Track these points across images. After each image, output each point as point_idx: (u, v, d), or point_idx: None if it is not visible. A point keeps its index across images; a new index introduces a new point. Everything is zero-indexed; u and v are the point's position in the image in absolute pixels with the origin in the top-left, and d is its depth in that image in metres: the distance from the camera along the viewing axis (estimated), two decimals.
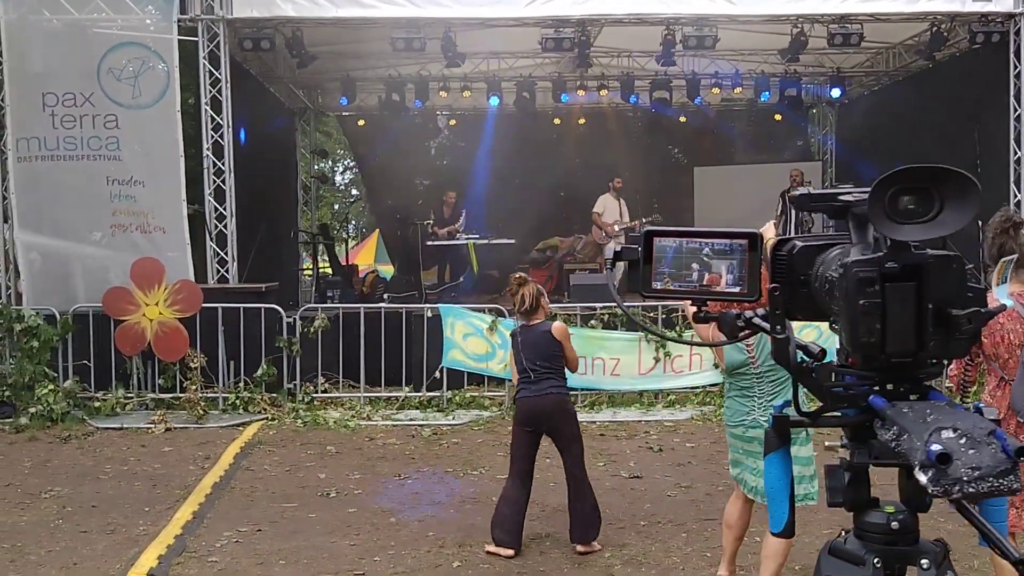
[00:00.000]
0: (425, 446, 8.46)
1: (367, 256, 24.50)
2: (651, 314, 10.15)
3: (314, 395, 9.99)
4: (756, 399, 4.57)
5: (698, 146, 17.39)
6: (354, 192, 38.78)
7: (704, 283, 1.66)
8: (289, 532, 6.00)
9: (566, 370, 5.75)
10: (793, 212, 13.49)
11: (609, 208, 13.74)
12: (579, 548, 5.54)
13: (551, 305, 10.26)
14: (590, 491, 5.66)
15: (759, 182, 15.39)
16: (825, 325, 1.64)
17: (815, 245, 1.67)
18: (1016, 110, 11.54)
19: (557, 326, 5.77)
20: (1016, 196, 11.64)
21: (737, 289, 1.67)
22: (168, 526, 6.09)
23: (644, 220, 13.67)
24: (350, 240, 28.60)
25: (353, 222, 34.47)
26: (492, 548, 5.52)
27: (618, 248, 1.81)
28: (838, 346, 1.65)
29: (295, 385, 9.98)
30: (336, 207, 34.47)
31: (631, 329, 9.94)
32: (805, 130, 18.17)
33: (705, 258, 1.65)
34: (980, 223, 4.79)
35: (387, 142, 17.31)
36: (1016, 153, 11.61)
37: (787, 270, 1.66)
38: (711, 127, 17.59)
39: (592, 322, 9.99)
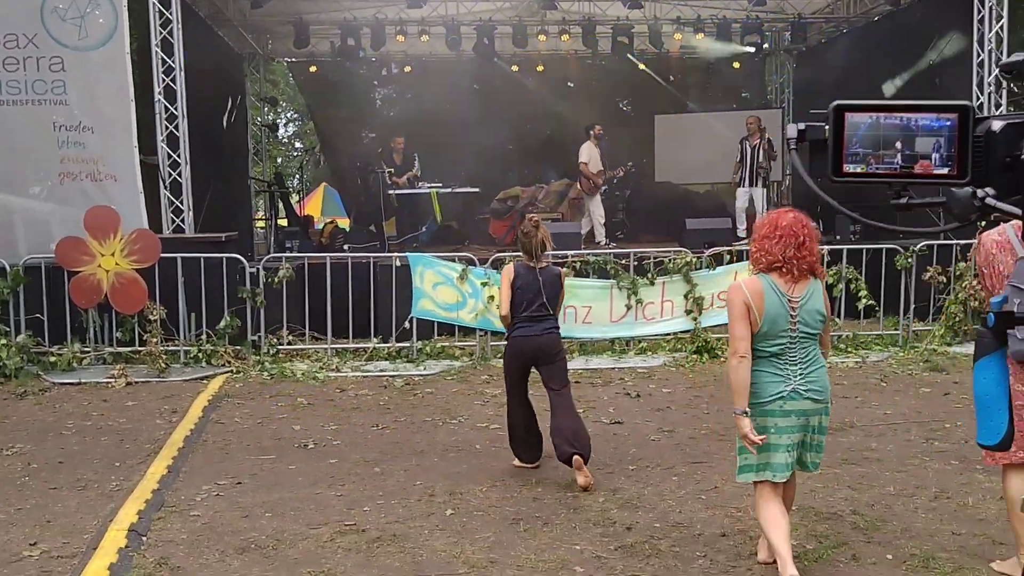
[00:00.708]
0: (399, 396, 8.29)
1: (314, 210, 24.04)
2: (623, 261, 10.06)
3: (279, 347, 9.74)
4: (790, 366, 4.09)
5: (658, 94, 17.24)
6: (298, 145, 38.04)
7: (909, 164, 1.48)
8: (271, 484, 5.82)
9: None
10: (750, 159, 13.47)
11: (593, 157, 13.52)
12: (576, 461, 5.58)
13: (511, 254, 10.15)
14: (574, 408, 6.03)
15: (719, 130, 15.33)
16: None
17: (1018, 123, 1.50)
18: (979, 55, 11.59)
19: (564, 272, 6.21)
20: (979, 98, 11.72)
21: (946, 171, 1.49)
22: (143, 481, 5.86)
23: (624, 168, 13.50)
24: (295, 194, 27.94)
25: (297, 176, 33.73)
26: (518, 463, 6.08)
27: (801, 127, 1.62)
28: None
29: (260, 337, 9.71)
30: (280, 160, 33.74)
31: (603, 276, 9.84)
32: (764, 78, 18.11)
33: (906, 135, 1.48)
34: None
35: (341, 89, 16.86)
36: (979, 98, 11.68)
37: (986, 151, 1.49)
38: (671, 75, 17.44)
39: (564, 270, 9.81)
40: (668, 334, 10.02)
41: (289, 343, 9.85)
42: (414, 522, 5.08)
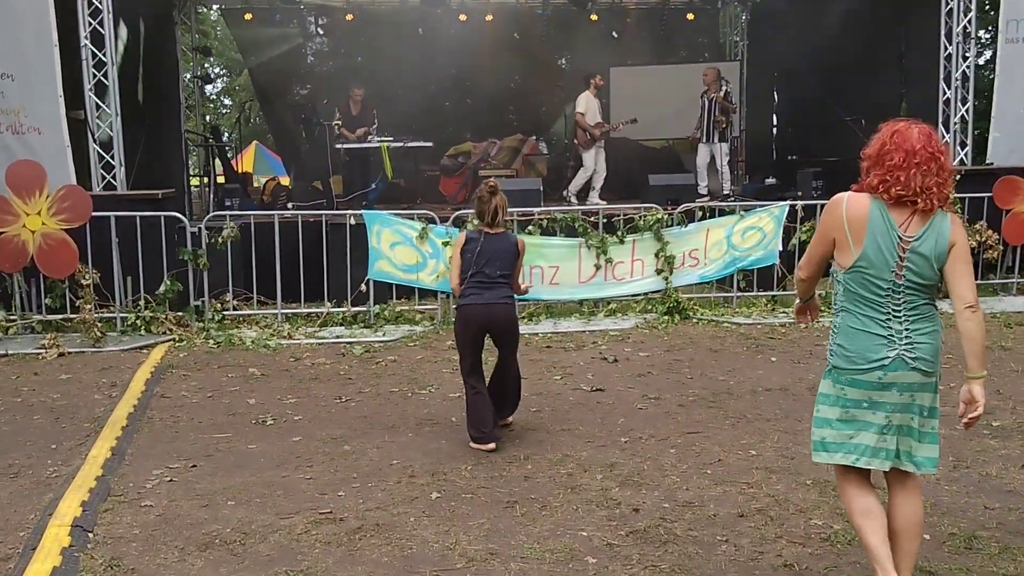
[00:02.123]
0: (360, 365, 7.72)
1: (247, 169, 23.06)
2: (591, 219, 9.58)
3: (225, 313, 9.07)
4: (895, 322, 3.23)
5: (610, 46, 16.66)
6: (227, 102, 36.59)
7: None
8: (231, 467, 5.23)
9: None
10: (707, 113, 13.05)
11: (591, 108, 12.81)
12: (504, 420, 5.80)
13: (469, 211, 9.60)
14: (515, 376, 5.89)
15: (675, 84, 14.88)
16: (769, 225, 1.01)
17: None
18: (947, 3, 11.28)
19: (522, 240, 5.91)
20: (945, 93, 11.46)
21: None
22: (84, 465, 5.22)
23: (624, 121, 12.88)
24: (230, 151, 26.85)
25: (227, 134, 32.44)
26: (474, 445, 5.51)
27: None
28: None
29: (203, 302, 9.03)
30: (208, 118, 32.40)
31: (570, 235, 9.35)
32: (718, 30, 17.68)
33: None
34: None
35: (279, 39, 15.93)
36: (947, 49, 11.39)
37: None
38: (623, 26, 16.89)
39: (530, 228, 9.32)
40: (638, 295, 9.60)
41: (235, 308, 9.18)
42: (397, 508, 4.56)
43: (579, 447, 5.49)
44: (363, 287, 9.13)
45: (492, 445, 5.43)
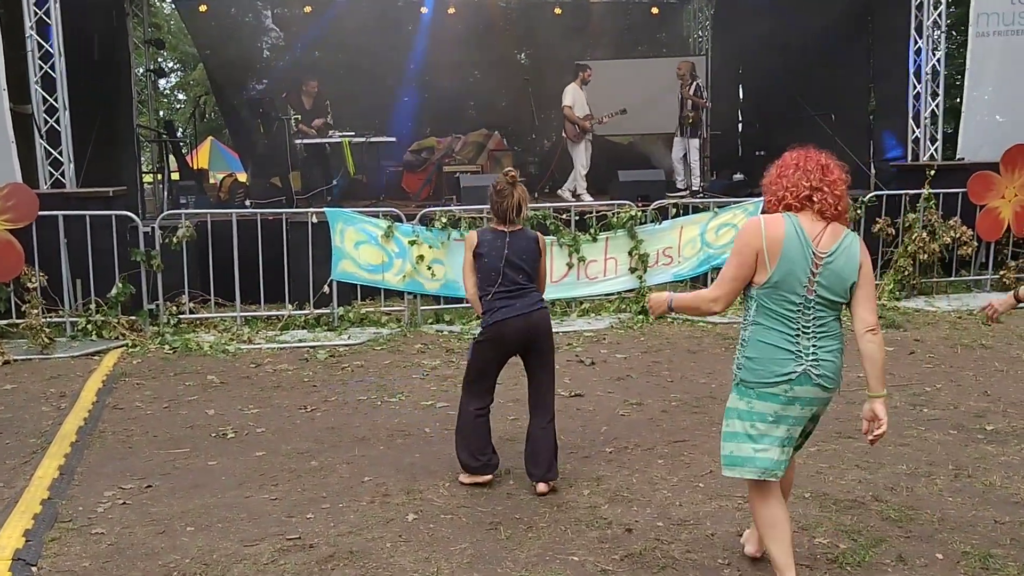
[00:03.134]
0: (325, 371, 7.36)
1: (203, 165, 22.44)
2: (563, 216, 9.29)
3: (181, 316, 8.65)
4: (804, 338, 3.30)
5: (575, 40, 16.35)
6: (181, 97, 35.77)
7: None
8: (189, 487, 4.86)
9: None
10: (679, 107, 12.83)
11: (579, 100, 12.43)
12: (540, 488, 4.70)
13: (442, 208, 9.27)
14: (553, 420, 4.87)
15: (642, 78, 14.60)
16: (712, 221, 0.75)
17: None
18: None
19: (542, 236, 5.04)
20: (915, 88, 11.33)
21: None
22: (29, 487, 4.81)
23: (613, 112, 12.51)
24: (185, 146, 26.16)
25: (188, 127, 31.64)
26: (467, 478, 4.82)
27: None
28: None
29: (157, 306, 8.60)
30: (161, 113, 31.61)
31: (542, 233, 9.02)
32: (683, 24, 17.47)
33: None
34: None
35: (236, 30, 15.41)
36: (916, 42, 11.27)
37: None
38: (587, 21, 16.59)
39: (541, 235, 8.97)
40: (612, 294, 9.33)
41: (192, 311, 8.76)
42: (371, 532, 4.23)
43: (562, 459, 5.16)
44: (326, 288, 8.76)
45: (489, 476, 4.81)
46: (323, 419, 6.07)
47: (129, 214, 8.66)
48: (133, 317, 8.49)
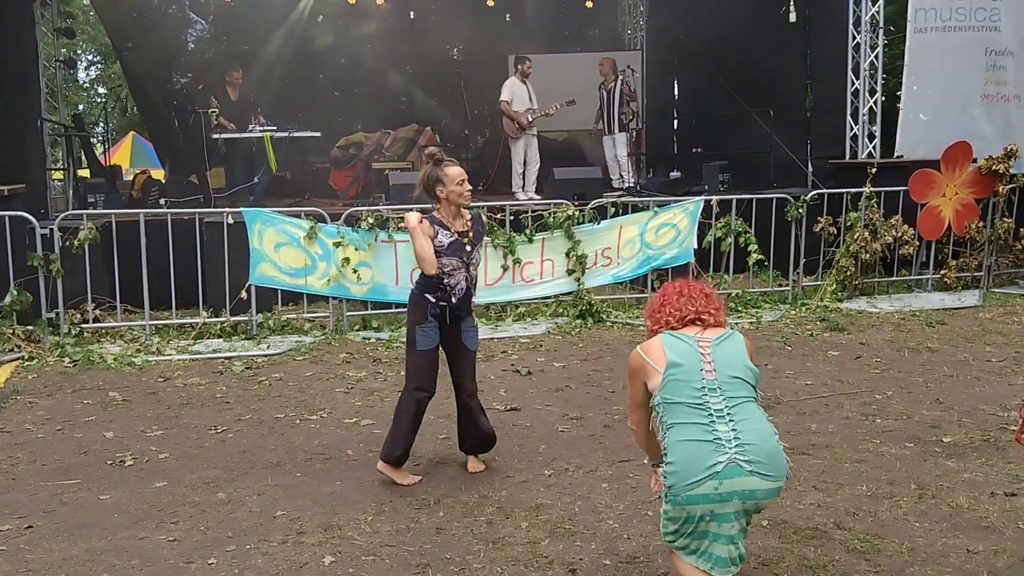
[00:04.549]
0: (240, 385, 6.78)
1: (121, 161, 21.52)
2: (498, 216, 8.83)
3: (84, 326, 7.96)
4: (719, 422, 3.00)
5: (508, 33, 15.93)
6: (101, 90, 34.45)
7: None
8: (75, 526, 4.28)
9: None
10: (607, 105, 12.47)
11: (518, 94, 11.83)
12: (471, 467, 4.96)
13: (369, 208, 8.74)
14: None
15: (577, 72, 14.22)
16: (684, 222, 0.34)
17: None
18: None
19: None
20: (853, 84, 11.16)
21: None
22: None
23: (559, 104, 11.98)
24: (100, 145, 25.06)
25: (102, 125, 30.39)
26: (399, 478, 4.76)
27: None
28: None
29: (57, 314, 7.90)
30: (81, 107, 30.34)
31: None
32: (617, 18, 17.17)
33: None
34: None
35: (154, 22, 14.59)
36: (855, 38, 11.08)
37: None
38: (521, 13, 16.18)
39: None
40: (549, 297, 8.91)
41: (96, 320, 8.09)
42: None
43: (497, 484, 4.74)
44: (244, 294, 8.15)
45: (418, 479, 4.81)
46: (234, 441, 5.52)
47: (25, 214, 7.94)
48: (30, 327, 7.79)
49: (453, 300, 4.75)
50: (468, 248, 4.78)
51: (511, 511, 4.38)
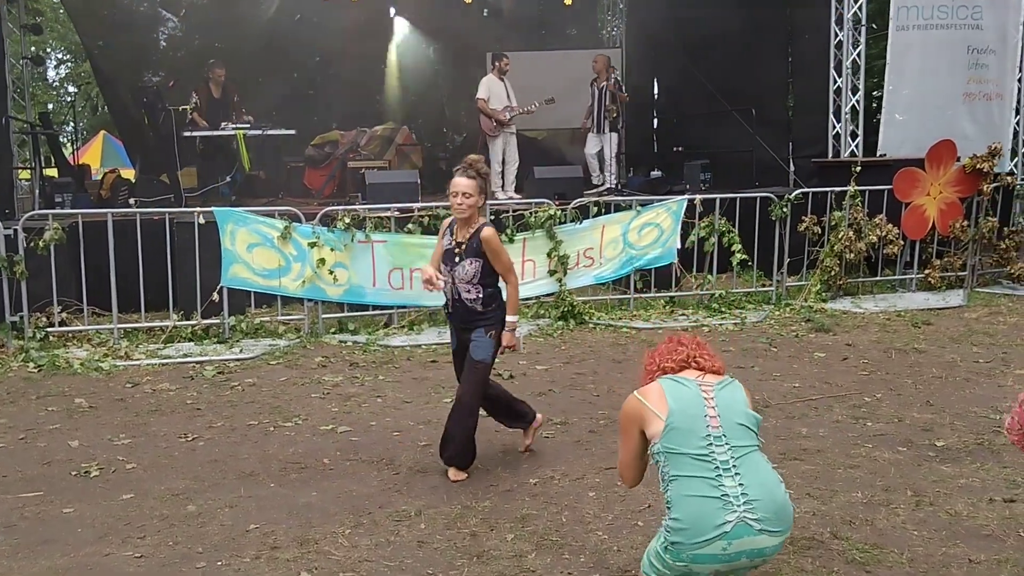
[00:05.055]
0: (212, 391, 6.55)
1: (92, 161, 21.10)
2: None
3: (49, 330, 7.70)
4: (726, 476, 2.80)
5: (487, 31, 15.73)
6: (71, 89, 33.95)
7: None
8: (37, 542, 4.05)
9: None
10: (597, 102, 12.32)
11: (495, 92, 11.64)
12: (452, 475, 4.81)
13: (346, 207, 8.54)
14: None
15: (556, 70, 14.07)
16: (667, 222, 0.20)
17: None
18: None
19: (487, 231, 4.73)
20: (835, 82, 11.07)
21: None
22: None
23: (539, 102, 11.77)
24: (70, 144, 24.59)
25: (71, 124, 29.83)
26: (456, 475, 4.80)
27: None
28: None
29: (21, 318, 7.63)
30: (50, 106, 29.85)
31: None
32: (596, 16, 17.02)
33: None
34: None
35: (125, 18, 14.27)
36: (837, 36, 10.99)
37: None
38: (500, 11, 15.99)
39: (410, 226, 8.31)
40: (530, 298, 8.72)
41: (62, 323, 7.82)
42: None
43: (481, 494, 4.56)
44: (215, 296, 7.91)
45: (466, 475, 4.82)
46: (206, 450, 5.30)
47: None
48: None
49: (448, 308, 4.84)
50: (456, 259, 4.71)
51: (496, 522, 4.20)
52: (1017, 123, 11.37)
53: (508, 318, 4.79)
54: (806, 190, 9.48)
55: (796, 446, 5.20)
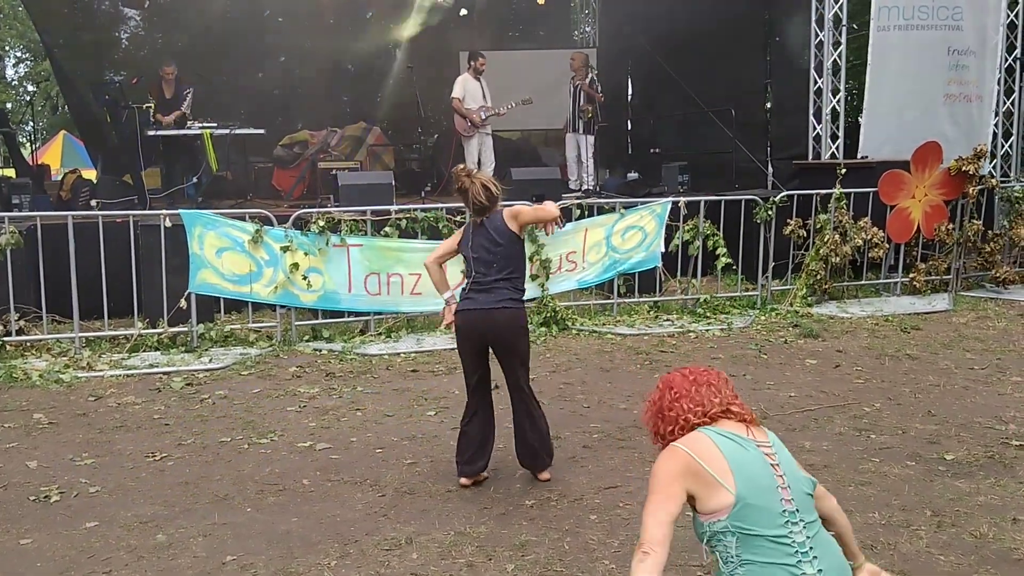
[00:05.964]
0: (180, 404, 6.18)
1: (52, 161, 20.50)
2: (457, 218, 8.33)
3: (5, 338, 7.28)
4: (807, 566, 2.34)
5: (458, 30, 15.42)
6: (30, 88, 33.18)
7: None
8: None
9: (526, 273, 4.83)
10: (573, 102, 12.06)
11: (471, 91, 11.35)
12: (541, 476, 4.76)
13: (320, 210, 8.21)
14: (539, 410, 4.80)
15: (530, 70, 13.83)
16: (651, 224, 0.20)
17: None
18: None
19: (510, 211, 4.64)
20: (816, 83, 10.90)
21: None
22: None
23: (515, 103, 11.46)
24: (28, 144, 23.86)
25: (31, 123, 28.98)
26: (466, 481, 4.67)
27: None
28: None
29: None
30: (8, 105, 29.09)
31: (434, 238, 8.06)
32: (569, 16, 16.78)
33: None
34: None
35: (83, 15, 13.78)
36: (817, 36, 10.82)
37: None
38: (471, 9, 15.69)
39: (386, 229, 7.98)
40: None
41: (20, 332, 7.40)
42: None
43: (475, 518, 4.26)
44: (183, 302, 7.54)
45: (464, 480, 4.65)
46: (175, 471, 4.94)
47: None
48: None
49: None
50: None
51: (493, 551, 3.91)
52: (996, 125, 11.28)
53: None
54: (791, 192, 9.27)
55: (802, 461, 4.88)
